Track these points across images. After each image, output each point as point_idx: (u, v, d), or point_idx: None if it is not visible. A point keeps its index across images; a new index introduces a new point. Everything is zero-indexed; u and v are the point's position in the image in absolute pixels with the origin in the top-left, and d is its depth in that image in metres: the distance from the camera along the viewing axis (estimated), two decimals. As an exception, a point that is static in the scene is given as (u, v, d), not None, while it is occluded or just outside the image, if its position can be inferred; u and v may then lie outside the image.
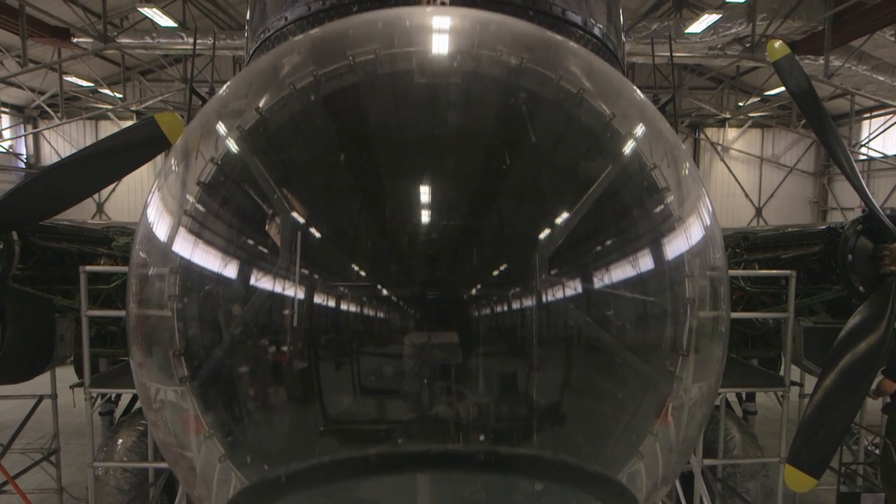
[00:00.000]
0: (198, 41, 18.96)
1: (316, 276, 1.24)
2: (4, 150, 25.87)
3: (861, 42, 18.12)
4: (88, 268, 5.36)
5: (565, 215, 1.31)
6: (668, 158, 1.60)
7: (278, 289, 1.25)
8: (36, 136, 27.28)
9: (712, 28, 16.76)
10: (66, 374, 7.62)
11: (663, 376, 1.43)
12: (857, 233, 5.12)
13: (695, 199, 1.57)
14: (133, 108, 25.52)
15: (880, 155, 24.35)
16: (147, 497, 6.15)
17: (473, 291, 1.20)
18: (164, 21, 17.14)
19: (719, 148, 28.41)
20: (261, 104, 1.54)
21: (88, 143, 27.91)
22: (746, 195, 28.53)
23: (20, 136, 26.78)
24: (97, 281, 6.08)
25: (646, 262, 1.39)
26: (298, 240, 1.26)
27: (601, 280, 1.29)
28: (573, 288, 1.25)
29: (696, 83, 25.78)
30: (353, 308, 1.22)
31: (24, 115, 26.70)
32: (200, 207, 1.45)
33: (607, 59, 2.53)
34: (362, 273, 1.24)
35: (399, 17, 1.75)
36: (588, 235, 1.34)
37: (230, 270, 1.32)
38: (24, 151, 27.21)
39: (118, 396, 7.47)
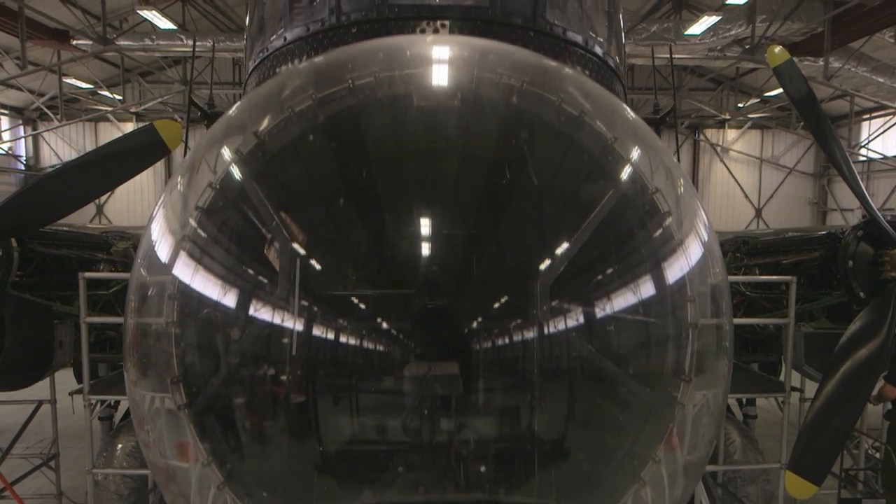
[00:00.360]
0: (197, 43, 18.99)
1: (315, 308, 1.23)
2: (4, 152, 25.87)
3: (861, 44, 18.13)
4: (88, 274, 5.35)
5: (565, 244, 1.30)
6: (666, 183, 1.60)
7: (277, 319, 1.24)
8: (35, 138, 27.26)
9: (712, 30, 16.77)
10: (65, 377, 7.61)
11: (670, 403, 1.42)
12: (858, 239, 5.11)
13: (693, 222, 1.56)
14: (132, 109, 25.51)
15: (880, 156, 24.35)
16: (147, 502, 6.14)
17: (475, 324, 1.18)
18: (164, 23, 17.14)
19: (719, 149, 28.41)
20: (264, 134, 1.53)
21: (88, 144, 27.95)
22: (746, 196, 28.53)
23: (20, 139, 26.76)
24: (96, 286, 6.07)
25: (647, 289, 1.38)
26: (298, 269, 1.24)
27: (604, 309, 1.28)
28: (576, 318, 1.24)
29: (695, 84, 25.80)
30: (352, 340, 1.20)
31: (24, 116, 26.69)
32: (202, 233, 1.44)
33: (607, 76, 2.53)
34: (362, 305, 1.23)
35: (400, 48, 1.75)
36: (588, 264, 1.34)
37: (230, 298, 1.31)
38: (23, 153, 27.19)
39: (117, 401, 7.46)
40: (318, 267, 1.26)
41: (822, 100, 25.35)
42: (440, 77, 1.60)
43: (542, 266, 1.27)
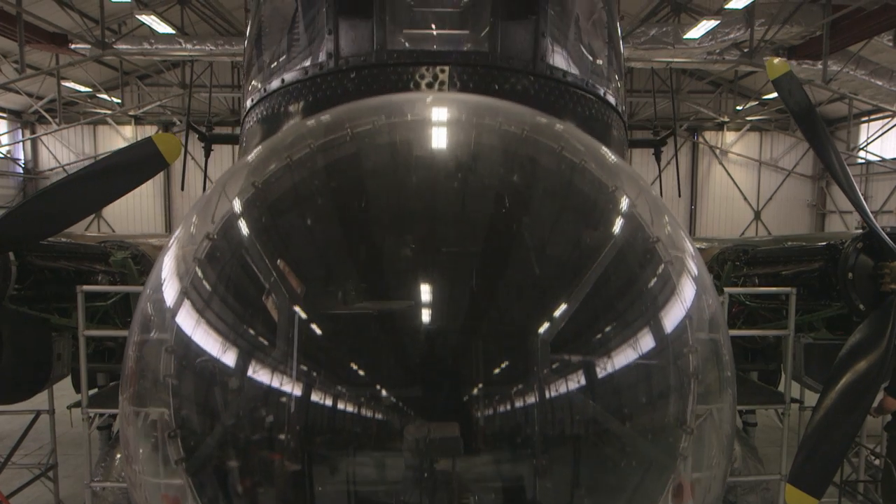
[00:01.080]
0: (196, 47, 18.97)
1: (315, 371, 1.22)
2: (2, 156, 25.83)
3: (859, 47, 18.15)
4: (86, 287, 5.33)
5: (563, 303, 1.30)
6: (659, 234, 1.59)
7: (276, 381, 1.23)
8: (34, 141, 27.24)
9: (710, 34, 16.78)
10: (64, 385, 7.58)
11: (677, 456, 1.41)
12: (858, 251, 5.10)
13: (689, 270, 1.55)
14: (131, 113, 25.49)
15: (878, 159, 24.38)
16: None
17: (476, 389, 1.17)
18: (162, 28, 17.12)
19: (718, 151, 28.44)
20: (265, 196, 1.53)
21: (86, 148, 27.95)
22: (745, 198, 28.56)
23: (18, 142, 26.72)
24: (95, 298, 6.05)
25: (648, 344, 1.37)
26: (298, 331, 1.23)
27: (605, 367, 1.27)
28: (579, 378, 1.23)
29: (694, 87, 25.83)
30: (351, 406, 1.19)
31: (22, 120, 26.65)
32: (203, 290, 1.43)
33: (606, 115, 2.52)
34: (362, 370, 1.22)
35: (401, 111, 1.75)
36: (587, 322, 1.33)
37: (229, 356, 1.30)
38: (21, 156, 27.15)
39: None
40: (319, 331, 1.25)
41: (820, 102, 25.45)
42: (439, 144, 1.60)
43: (542, 327, 1.26)
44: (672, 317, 1.46)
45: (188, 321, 1.40)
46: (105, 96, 24.54)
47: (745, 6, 15.65)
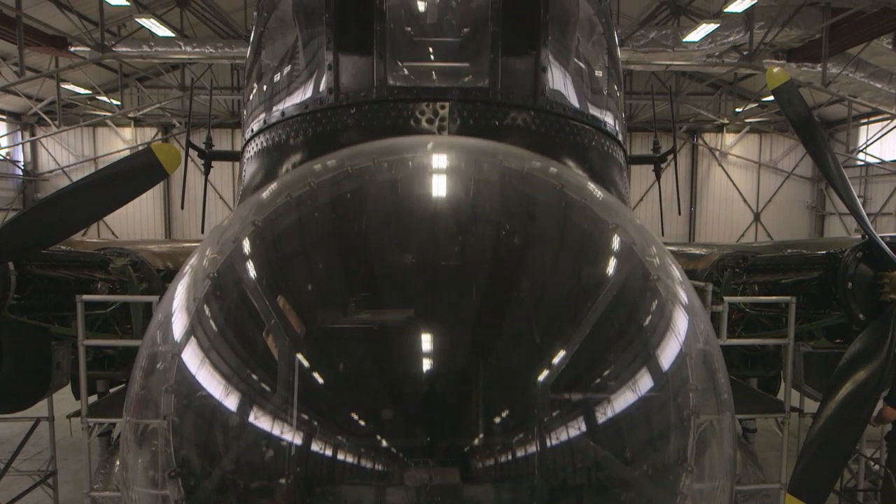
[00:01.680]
0: (195, 49, 18.97)
1: (315, 422, 1.22)
2: (2, 158, 25.82)
3: (858, 50, 18.17)
4: (86, 297, 5.32)
5: (561, 351, 1.30)
6: (656, 277, 1.59)
7: (277, 429, 1.23)
8: (33, 144, 27.22)
9: (710, 37, 16.80)
10: (64, 390, 7.58)
11: (677, 495, 1.41)
12: (857, 260, 5.10)
13: (685, 312, 1.54)
14: (131, 115, 25.49)
15: (877, 160, 24.40)
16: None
17: (476, 441, 1.17)
18: (162, 31, 17.11)
19: (717, 153, 28.45)
20: (267, 239, 1.54)
21: (86, 150, 27.92)
22: (745, 200, 28.57)
23: (17, 144, 26.70)
24: (94, 306, 6.04)
25: (646, 388, 1.36)
26: (298, 379, 1.24)
27: (604, 412, 1.27)
28: (577, 425, 1.23)
29: (694, 89, 25.84)
30: (349, 457, 1.19)
31: (22, 122, 26.64)
32: (206, 333, 1.43)
33: (607, 146, 2.52)
34: (362, 421, 1.21)
35: (404, 158, 1.75)
36: (585, 367, 1.33)
37: (230, 401, 1.29)
38: (21, 158, 27.14)
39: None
40: (320, 378, 1.25)
41: (820, 105, 25.47)
42: (441, 194, 1.61)
43: (541, 375, 1.26)
44: (669, 357, 1.45)
45: (190, 362, 1.40)
46: (104, 98, 24.52)
47: (744, 10, 15.65)
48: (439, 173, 1.69)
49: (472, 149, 1.87)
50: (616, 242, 1.65)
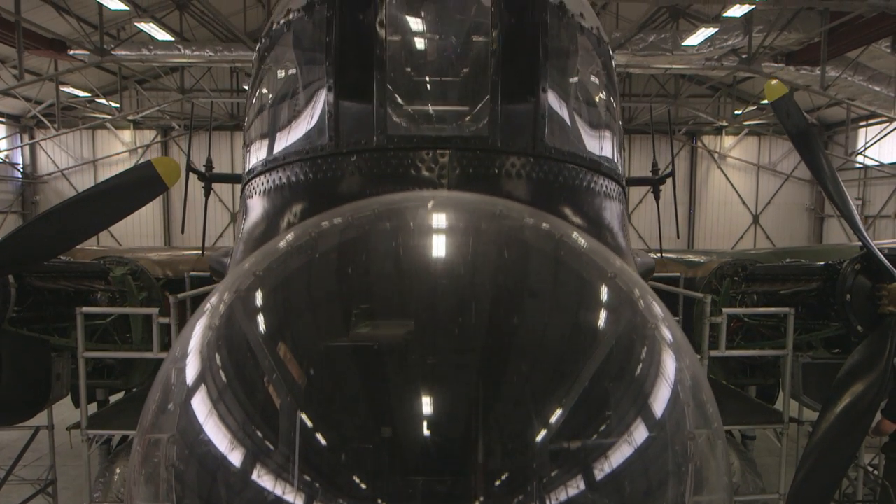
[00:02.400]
0: (195, 53, 18.96)
1: (316, 484, 1.23)
2: (1, 160, 25.80)
3: (857, 53, 18.20)
4: (86, 309, 5.32)
5: (558, 411, 1.31)
6: (656, 334, 1.60)
7: (278, 490, 1.24)
8: (32, 146, 27.21)
9: (709, 40, 16.82)
10: (63, 399, 7.59)
11: None
12: (856, 272, 5.13)
13: (681, 370, 1.55)
14: (130, 117, 25.48)
15: (876, 163, 24.43)
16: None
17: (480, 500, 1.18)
18: (161, 35, 17.10)
19: (716, 155, 28.49)
20: (270, 300, 1.56)
21: (85, 152, 27.91)
22: (744, 202, 28.60)
23: (16, 147, 26.68)
24: (94, 316, 6.05)
25: (643, 448, 1.37)
26: (300, 442, 1.25)
27: (602, 469, 1.28)
28: (576, 486, 1.24)
29: (693, 91, 25.86)
30: None
31: (21, 124, 26.62)
32: (210, 389, 1.44)
33: (607, 185, 2.53)
34: (362, 485, 1.22)
35: (404, 218, 1.77)
36: (582, 426, 1.34)
37: (232, 457, 1.30)
38: (20, 161, 27.12)
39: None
40: (323, 441, 1.26)
41: (819, 107, 25.51)
42: (440, 256, 1.63)
43: (539, 436, 1.28)
44: (662, 410, 1.47)
45: (193, 415, 1.41)
46: (104, 101, 24.51)
47: (743, 14, 15.68)
48: (440, 238, 1.71)
49: (471, 210, 1.89)
50: (607, 299, 1.67)
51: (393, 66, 2.23)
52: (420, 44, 2.30)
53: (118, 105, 24.52)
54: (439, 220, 1.81)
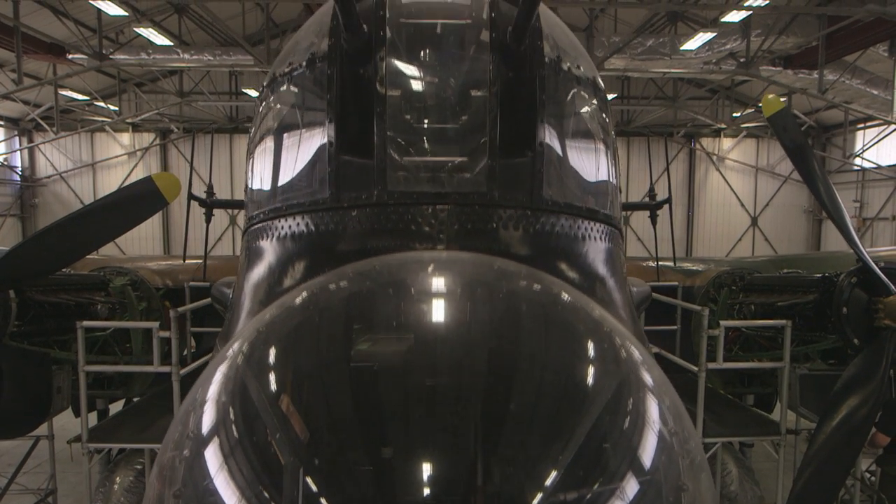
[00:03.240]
0: (193, 57, 18.97)
1: None
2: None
3: (855, 57, 18.25)
4: (86, 323, 5.35)
5: (552, 473, 1.34)
6: (649, 396, 1.64)
7: None
8: (31, 149, 27.18)
9: (707, 44, 16.86)
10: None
11: None
12: (852, 285, 5.16)
13: (679, 448, 1.59)
14: (128, 120, 25.46)
15: (874, 165, 24.49)
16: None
17: None
18: (160, 40, 17.10)
19: (715, 158, 28.55)
20: (274, 366, 1.58)
21: (84, 155, 27.90)
22: (742, 204, 28.67)
23: (15, 151, 26.66)
24: (94, 327, 6.07)
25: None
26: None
27: None
28: None
29: (692, 94, 25.92)
30: None
31: (20, 127, 26.60)
32: (221, 445, 1.47)
33: (604, 232, 2.56)
34: None
35: (405, 280, 1.81)
36: (575, 486, 1.37)
37: None
38: (18, 164, 27.11)
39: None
40: None
41: (817, 109, 25.56)
42: (440, 322, 1.67)
43: (536, 498, 1.30)
44: (653, 471, 1.50)
45: (198, 472, 1.43)
46: (102, 104, 24.50)
47: (741, 19, 15.72)
48: (441, 305, 1.75)
49: (469, 275, 1.94)
50: (596, 362, 1.71)
51: (392, 123, 2.26)
52: (419, 100, 2.33)
53: (117, 108, 24.52)
54: (439, 286, 1.85)
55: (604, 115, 2.67)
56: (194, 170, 27.98)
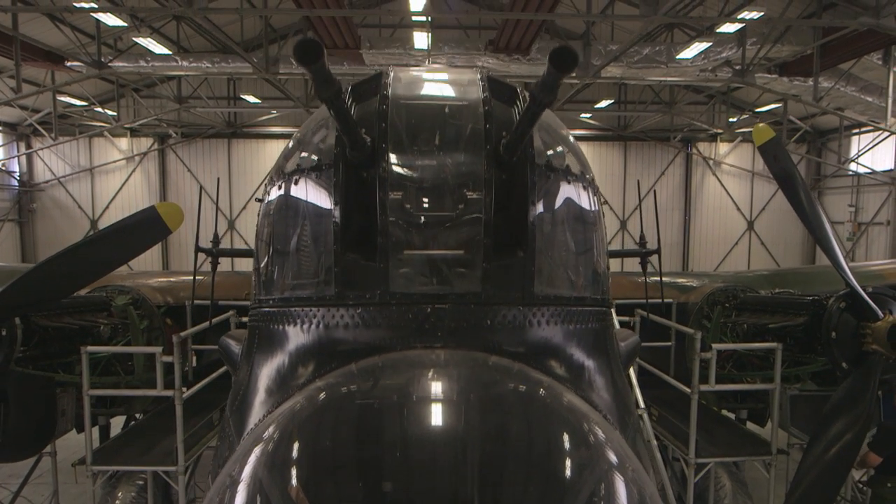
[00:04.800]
0: (192, 64, 19.01)
1: None
2: (-3, 169, 25.79)
3: (849, 65, 18.40)
4: (91, 348, 5.43)
5: None
6: (619, 489, 1.75)
7: None
8: (29, 154, 27.17)
9: (703, 53, 16.97)
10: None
11: None
12: (841, 310, 5.26)
13: None
14: (127, 125, 25.48)
15: (869, 171, 24.65)
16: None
17: None
18: (159, 49, 17.15)
19: (711, 162, 28.69)
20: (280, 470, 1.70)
21: (82, 160, 27.89)
22: (738, 209, 28.81)
23: (13, 157, 26.65)
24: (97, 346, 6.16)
25: None
26: None
27: None
28: None
29: (689, 98, 26.04)
30: None
31: (17, 132, 26.59)
32: None
33: (593, 316, 2.68)
34: None
35: (408, 390, 1.95)
36: None
37: None
38: (16, 169, 27.09)
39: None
40: None
41: (813, 114, 25.67)
42: (439, 430, 1.81)
43: None
44: None
45: None
46: (100, 109, 24.51)
47: (736, 30, 15.85)
48: (439, 407, 1.89)
49: (464, 376, 2.08)
50: (578, 462, 1.82)
51: (394, 230, 2.41)
52: (419, 206, 2.47)
53: (115, 113, 24.54)
54: (437, 390, 1.99)
55: (592, 203, 2.80)
56: (192, 174, 27.76)
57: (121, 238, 4.74)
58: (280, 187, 2.76)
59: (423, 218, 2.43)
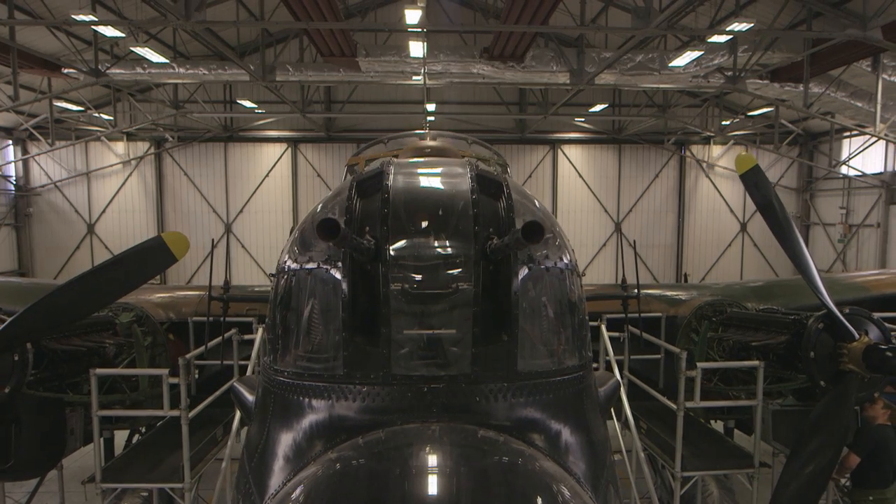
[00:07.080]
0: (189, 71, 19.12)
1: None
2: (-6, 173, 25.82)
3: (839, 72, 18.68)
4: (99, 371, 5.62)
5: None
6: None
7: None
8: (25, 158, 27.19)
9: (695, 60, 17.22)
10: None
11: None
12: (819, 331, 5.50)
13: None
14: (123, 129, 25.55)
15: (859, 173, 24.98)
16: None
17: None
18: (156, 58, 17.24)
19: (704, 165, 28.98)
20: None
21: (78, 164, 27.92)
22: (731, 211, 29.13)
23: (9, 163, 26.67)
24: (103, 365, 6.35)
25: None
26: None
27: None
28: None
29: (683, 102, 26.30)
30: None
31: (14, 137, 26.63)
32: None
33: (576, 381, 2.99)
34: None
35: (408, 463, 2.28)
36: None
37: None
38: (12, 173, 27.13)
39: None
40: None
41: (805, 118, 25.98)
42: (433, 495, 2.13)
43: None
44: None
45: None
46: (97, 114, 24.57)
47: (727, 39, 16.09)
48: (434, 478, 2.22)
49: (458, 446, 2.42)
50: None
51: (396, 320, 2.73)
52: (416, 299, 2.80)
53: (111, 118, 24.60)
54: (433, 461, 2.33)
55: (571, 283, 3.11)
56: (190, 178, 27.69)
57: (128, 266, 4.93)
58: (294, 273, 3.09)
59: (420, 308, 2.78)
